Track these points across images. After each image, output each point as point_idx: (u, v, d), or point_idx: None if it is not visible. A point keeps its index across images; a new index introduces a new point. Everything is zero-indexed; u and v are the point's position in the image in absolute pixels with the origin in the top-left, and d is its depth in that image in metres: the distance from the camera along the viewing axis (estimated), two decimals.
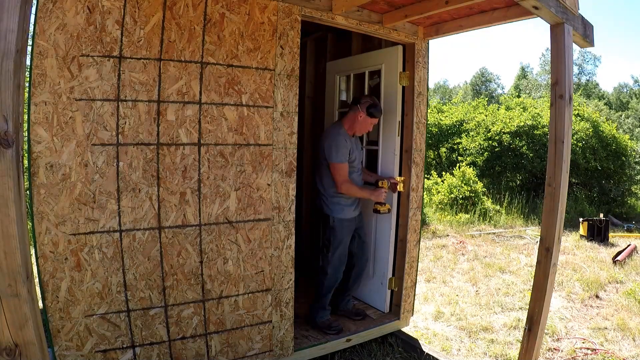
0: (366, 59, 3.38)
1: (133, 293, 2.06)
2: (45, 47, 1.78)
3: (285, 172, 2.44)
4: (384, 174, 3.23)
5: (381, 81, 3.20)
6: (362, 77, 3.45)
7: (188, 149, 2.13)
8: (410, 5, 2.59)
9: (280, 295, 2.51)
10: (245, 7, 2.22)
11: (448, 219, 8.04)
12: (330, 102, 3.80)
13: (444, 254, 5.99)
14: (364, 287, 3.43)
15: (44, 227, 1.84)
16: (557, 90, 2.15)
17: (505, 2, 2.47)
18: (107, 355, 2.02)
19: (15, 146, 1.03)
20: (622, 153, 10.13)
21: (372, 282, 3.36)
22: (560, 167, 2.14)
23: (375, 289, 3.33)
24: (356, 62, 3.50)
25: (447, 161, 11.78)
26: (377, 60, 3.26)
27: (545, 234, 2.21)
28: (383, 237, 3.24)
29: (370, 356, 2.96)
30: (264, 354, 2.49)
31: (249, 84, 2.27)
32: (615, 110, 30.25)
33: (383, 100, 3.18)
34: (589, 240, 6.76)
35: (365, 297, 3.44)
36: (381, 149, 3.24)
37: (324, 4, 2.51)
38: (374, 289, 3.34)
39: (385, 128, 3.19)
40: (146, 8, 1.97)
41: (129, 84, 1.96)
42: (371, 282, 3.37)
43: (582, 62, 39.11)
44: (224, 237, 2.28)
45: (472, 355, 3.11)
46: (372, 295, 3.37)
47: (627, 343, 3.32)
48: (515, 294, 4.39)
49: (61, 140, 1.85)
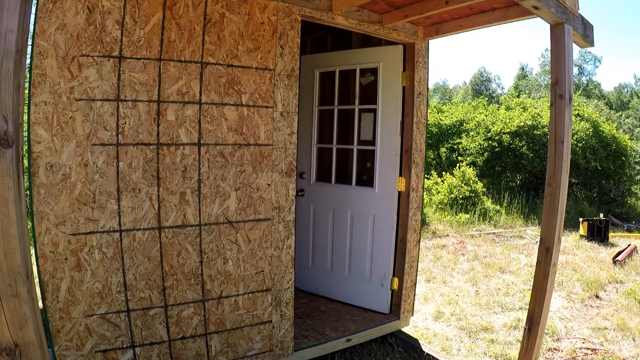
0: (359, 55, 3.28)
1: (133, 293, 2.06)
2: (45, 47, 1.78)
3: (285, 172, 2.44)
4: (381, 174, 3.18)
5: (378, 80, 3.16)
6: (350, 75, 3.38)
7: (188, 149, 2.13)
8: (410, 5, 2.59)
9: (280, 295, 2.51)
10: (245, 7, 2.22)
11: (448, 219, 8.04)
12: (308, 100, 3.53)
13: (444, 254, 5.98)
14: (359, 291, 3.37)
15: (44, 227, 1.84)
16: (557, 90, 2.15)
17: (505, 2, 2.47)
18: (107, 355, 2.02)
19: (15, 146, 1.03)
20: (622, 153, 10.13)
21: (370, 285, 3.30)
22: (560, 167, 2.14)
23: (373, 290, 3.29)
24: (344, 58, 3.36)
25: (447, 161, 11.77)
26: (373, 57, 3.19)
27: (545, 234, 2.21)
28: (383, 238, 3.22)
29: (370, 356, 2.96)
30: (264, 354, 2.49)
31: (249, 84, 2.27)
32: (615, 110, 30.25)
33: (381, 99, 3.16)
34: (589, 240, 6.76)
35: (361, 301, 3.35)
36: (379, 149, 3.20)
37: (324, 4, 2.51)
38: (372, 290, 3.29)
39: (384, 128, 3.17)
40: (146, 8, 1.97)
41: (129, 84, 1.96)
42: (368, 285, 3.31)
43: (582, 62, 39.11)
44: (224, 237, 2.28)
45: (472, 355, 3.11)
46: (371, 297, 3.31)
47: (627, 343, 3.32)
48: (515, 294, 4.39)
49: (61, 140, 1.85)
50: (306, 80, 3.51)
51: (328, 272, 3.55)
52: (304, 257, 3.64)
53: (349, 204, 3.39)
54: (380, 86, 3.16)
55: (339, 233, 3.47)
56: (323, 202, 3.51)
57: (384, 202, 3.19)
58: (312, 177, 3.55)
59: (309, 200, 3.56)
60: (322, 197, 3.51)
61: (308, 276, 3.65)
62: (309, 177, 3.53)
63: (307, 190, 3.55)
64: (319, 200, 3.53)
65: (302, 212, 3.58)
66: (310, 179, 3.54)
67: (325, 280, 3.56)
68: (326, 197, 3.49)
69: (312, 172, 3.54)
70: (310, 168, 3.53)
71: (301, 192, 3.51)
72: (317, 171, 3.58)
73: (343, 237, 3.45)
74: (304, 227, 3.61)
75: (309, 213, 3.58)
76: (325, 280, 3.56)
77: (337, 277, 3.50)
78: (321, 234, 3.55)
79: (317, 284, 3.61)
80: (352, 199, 3.37)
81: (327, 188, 3.50)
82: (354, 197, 3.36)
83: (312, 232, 3.60)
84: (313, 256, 3.62)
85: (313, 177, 3.55)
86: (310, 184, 3.53)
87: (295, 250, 2.58)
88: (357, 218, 3.35)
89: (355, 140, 3.40)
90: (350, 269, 3.44)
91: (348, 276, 3.45)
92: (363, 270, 3.35)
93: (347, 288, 3.44)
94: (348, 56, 3.35)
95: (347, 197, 3.40)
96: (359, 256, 3.37)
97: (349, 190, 3.40)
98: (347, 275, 3.45)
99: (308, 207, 3.57)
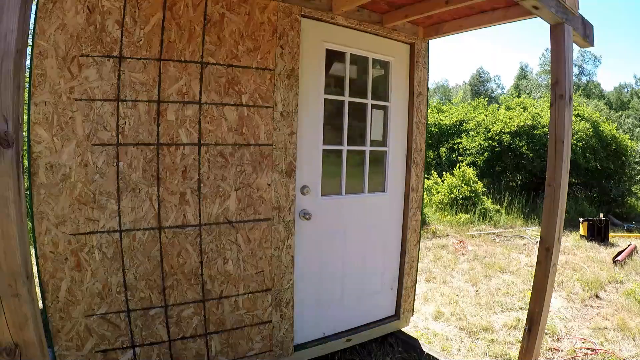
0: (372, 42, 2.85)
1: (133, 293, 2.06)
2: (45, 47, 1.78)
3: (285, 172, 2.44)
4: (392, 177, 3.04)
5: (390, 76, 2.98)
6: (363, 62, 2.91)
7: (188, 149, 2.13)
8: (410, 5, 2.59)
9: (280, 295, 2.51)
10: (245, 7, 2.22)
11: (448, 219, 8.04)
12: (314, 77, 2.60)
13: (444, 254, 5.98)
14: (371, 306, 3.08)
15: (44, 227, 1.84)
16: (557, 90, 2.15)
17: (505, 2, 2.47)
18: (107, 355, 2.02)
19: (15, 146, 1.03)
20: (622, 153, 10.14)
21: (381, 294, 3.13)
22: (560, 167, 2.14)
23: (383, 298, 3.15)
24: (358, 40, 2.80)
25: (447, 161, 11.78)
26: (387, 50, 2.95)
27: (545, 234, 2.21)
28: (393, 241, 3.16)
29: (370, 356, 2.96)
30: (264, 354, 2.49)
31: (249, 84, 2.27)
32: (615, 110, 30.26)
33: (393, 97, 3.00)
34: (589, 240, 6.76)
35: (376, 315, 3.10)
36: (391, 150, 3.03)
37: (324, 4, 2.51)
38: (383, 299, 3.15)
39: (395, 127, 3.03)
40: (146, 8, 1.97)
41: (129, 84, 1.96)
42: (379, 296, 3.11)
43: (582, 62, 39.12)
44: (224, 237, 2.27)
45: (472, 355, 3.11)
46: (385, 309, 3.17)
47: (627, 343, 3.32)
48: (515, 294, 4.39)
49: (61, 140, 1.85)
50: (308, 56, 2.57)
51: (338, 303, 2.91)
52: (308, 297, 2.74)
53: (362, 216, 2.94)
54: (392, 83, 2.99)
55: (352, 254, 2.92)
56: (333, 221, 2.80)
57: (393, 204, 3.11)
58: (318, 190, 2.69)
59: (316, 224, 2.69)
60: (332, 214, 2.79)
61: (312, 321, 2.80)
62: (315, 191, 2.67)
63: (313, 210, 2.65)
64: (327, 220, 2.76)
65: (306, 242, 2.67)
66: (317, 194, 2.68)
67: (334, 313, 2.90)
68: (336, 214, 2.82)
69: (318, 183, 2.68)
70: (316, 177, 2.67)
71: (307, 216, 2.60)
72: (323, 181, 2.73)
73: (357, 256, 2.95)
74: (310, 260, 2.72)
75: (316, 241, 2.72)
76: (334, 314, 2.90)
77: (349, 305, 2.96)
78: (330, 264, 2.82)
79: (324, 324, 2.86)
80: (365, 209, 2.95)
81: (336, 201, 2.82)
82: (368, 206, 2.96)
83: (320, 264, 2.78)
84: (320, 293, 2.80)
85: (319, 191, 2.70)
86: (317, 200, 2.68)
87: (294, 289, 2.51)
88: (372, 229, 3.00)
89: (368, 140, 2.94)
90: (364, 287, 3.01)
91: (361, 297, 3.02)
92: (376, 284, 3.09)
93: (359, 309, 3.02)
94: (363, 39, 2.82)
95: (360, 207, 2.93)
96: (372, 271, 3.05)
97: (362, 199, 2.94)
98: (361, 296, 3.02)
99: (315, 234, 2.70)
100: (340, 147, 2.83)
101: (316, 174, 2.68)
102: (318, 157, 2.68)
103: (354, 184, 2.96)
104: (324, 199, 2.74)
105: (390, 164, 3.06)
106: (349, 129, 2.86)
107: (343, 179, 2.85)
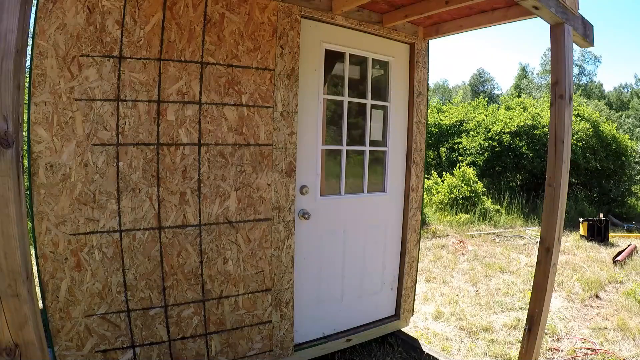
0: (371, 42, 2.85)
1: (133, 293, 2.06)
2: (45, 47, 1.78)
3: (285, 172, 2.44)
4: (392, 176, 3.05)
5: (390, 76, 2.98)
6: (362, 62, 2.91)
7: (188, 149, 2.13)
8: (410, 5, 2.59)
9: (280, 295, 2.51)
10: (245, 7, 2.22)
11: (448, 219, 8.04)
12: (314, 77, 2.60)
13: (444, 254, 5.98)
14: (371, 306, 3.08)
15: (44, 227, 1.84)
16: (557, 90, 2.15)
17: (505, 2, 2.47)
18: (107, 355, 2.02)
19: (15, 146, 1.03)
20: (622, 153, 10.14)
21: (381, 294, 3.13)
22: (560, 167, 2.14)
23: (384, 298, 3.14)
24: (358, 39, 2.80)
25: (447, 161, 11.78)
26: (387, 50, 2.94)
27: (545, 234, 2.21)
28: (393, 241, 3.14)
29: (370, 356, 2.96)
30: (264, 354, 2.49)
31: (249, 84, 2.27)
32: (615, 110, 30.27)
33: (392, 97, 3.00)
34: (589, 240, 6.76)
35: (377, 315, 3.10)
36: (390, 150, 3.03)
37: (324, 4, 2.52)
38: (383, 299, 3.14)
39: (395, 127, 3.04)
40: (146, 8, 1.97)
41: (129, 84, 1.96)
42: (379, 296, 3.11)
43: (582, 62, 39.12)
44: (224, 237, 2.28)
45: (472, 355, 3.11)
46: (384, 308, 3.16)
47: (627, 343, 3.32)
48: (515, 294, 4.39)
49: (61, 140, 1.85)
50: (307, 57, 2.57)
51: (338, 302, 2.92)
52: (307, 297, 2.76)
53: (362, 216, 2.95)
54: (391, 82, 3.01)
55: (352, 253, 2.93)
56: (332, 221, 2.81)
57: (393, 204, 3.11)
58: (317, 190, 2.70)
59: (316, 223, 2.72)
60: (331, 214, 2.80)
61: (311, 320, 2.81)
62: (314, 191, 2.68)
63: (312, 210, 2.68)
64: (327, 219, 2.78)
65: (305, 242, 2.68)
66: (316, 194, 2.70)
67: (334, 313, 2.91)
68: (336, 214, 2.83)
69: (317, 184, 2.70)
70: (314, 177, 2.68)
71: (306, 215, 2.63)
72: (322, 181, 2.77)
73: (357, 256, 2.96)
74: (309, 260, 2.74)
75: (315, 240, 2.74)
76: (334, 314, 2.91)
77: (349, 305, 2.97)
78: (330, 264, 2.84)
79: (324, 324, 2.87)
80: (365, 209, 2.97)
81: (336, 201, 2.83)
82: (367, 206, 2.98)
83: (319, 264, 2.79)
84: (319, 293, 2.81)
85: (318, 191, 2.71)
86: (316, 200, 2.70)
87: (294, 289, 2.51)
88: (371, 229, 3.00)
89: (367, 140, 2.95)
90: (364, 287, 3.03)
91: (361, 297, 3.03)
92: (376, 284, 3.09)
93: (360, 309, 3.03)
94: (362, 38, 2.83)
95: (360, 207, 2.94)
96: (373, 271, 3.06)
97: (361, 199, 2.95)
98: (361, 296, 3.02)
99: (314, 233, 2.73)
100: (339, 147, 2.84)
101: (316, 174, 2.69)
102: (318, 157, 2.69)
103: (353, 184, 2.98)
104: (323, 198, 2.76)
105: (390, 164, 3.06)
106: (349, 129, 2.87)
107: (342, 179, 2.86)
